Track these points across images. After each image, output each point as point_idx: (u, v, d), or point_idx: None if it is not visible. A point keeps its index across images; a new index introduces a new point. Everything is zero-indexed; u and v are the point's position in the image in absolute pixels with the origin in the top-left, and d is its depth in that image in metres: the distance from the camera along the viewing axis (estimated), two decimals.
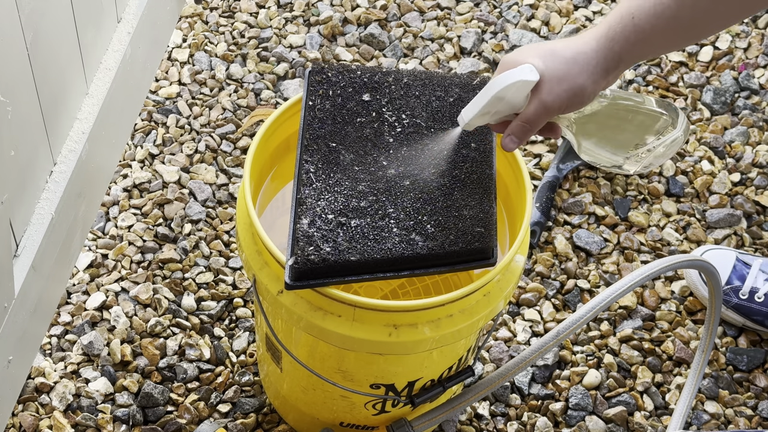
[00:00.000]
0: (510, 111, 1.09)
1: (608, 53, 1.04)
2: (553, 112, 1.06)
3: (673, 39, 1.06)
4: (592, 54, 1.04)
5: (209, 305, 1.56)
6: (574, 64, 1.04)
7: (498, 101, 1.07)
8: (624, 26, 1.03)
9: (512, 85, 1.05)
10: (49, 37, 1.27)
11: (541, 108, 1.06)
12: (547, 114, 1.06)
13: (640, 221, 1.67)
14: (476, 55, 1.85)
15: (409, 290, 1.37)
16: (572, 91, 1.05)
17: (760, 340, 1.58)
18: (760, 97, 1.81)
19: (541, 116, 1.06)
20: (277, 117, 1.25)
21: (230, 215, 1.64)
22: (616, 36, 1.04)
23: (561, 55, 1.05)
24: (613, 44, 1.04)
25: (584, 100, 1.06)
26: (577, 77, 1.04)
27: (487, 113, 1.09)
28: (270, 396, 1.48)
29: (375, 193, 1.15)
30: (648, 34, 1.03)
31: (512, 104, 1.08)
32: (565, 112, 1.07)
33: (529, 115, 1.07)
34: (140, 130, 1.72)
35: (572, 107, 1.06)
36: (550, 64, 1.05)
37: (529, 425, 1.49)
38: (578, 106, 1.07)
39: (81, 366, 1.50)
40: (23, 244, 1.30)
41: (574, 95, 1.05)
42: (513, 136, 1.09)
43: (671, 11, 1.02)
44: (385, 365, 1.24)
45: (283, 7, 1.89)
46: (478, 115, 1.09)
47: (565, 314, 1.58)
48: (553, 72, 1.05)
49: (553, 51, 1.06)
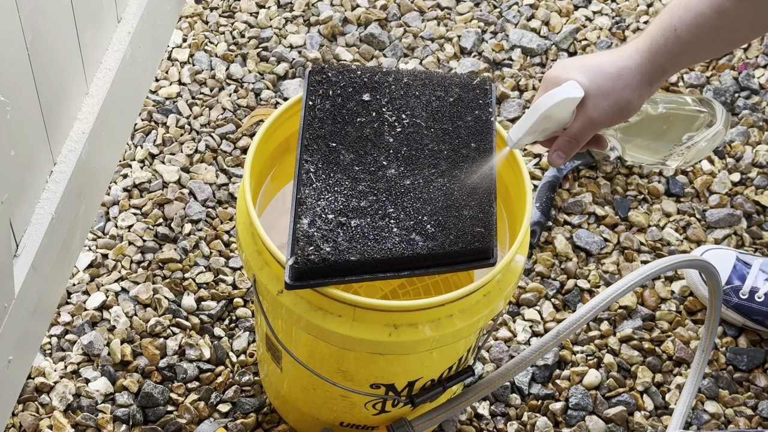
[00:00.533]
0: (557, 128, 1.11)
1: (652, 66, 1.06)
2: (599, 126, 1.08)
3: (715, 47, 1.09)
4: (636, 68, 1.06)
5: (209, 305, 1.56)
6: (619, 79, 1.06)
7: (545, 119, 1.09)
8: (667, 39, 1.05)
9: (559, 103, 1.07)
10: (49, 37, 1.27)
11: (588, 124, 1.07)
12: (593, 129, 1.08)
13: (640, 221, 1.67)
14: (476, 55, 1.85)
15: (409, 290, 1.37)
16: (618, 105, 1.07)
17: (760, 340, 1.58)
18: (760, 97, 1.81)
19: (588, 131, 1.08)
20: (277, 117, 1.25)
21: (230, 215, 1.64)
22: (660, 49, 1.06)
23: (605, 70, 1.07)
24: (657, 57, 1.06)
25: (629, 114, 1.08)
26: (622, 92, 1.06)
27: (535, 131, 1.11)
28: (270, 396, 1.48)
29: (375, 192, 1.15)
30: (690, 45, 1.05)
31: (559, 121, 1.09)
32: (611, 126, 1.09)
33: (576, 130, 1.09)
34: (140, 130, 1.72)
35: (617, 121, 1.08)
36: (595, 80, 1.07)
37: (529, 425, 1.49)
38: (623, 120, 1.09)
39: (81, 366, 1.50)
40: (23, 244, 1.30)
41: (620, 110, 1.07)
42: (560, 152, 1.10)
43: (712, 21, 1.04)
44: (385, 365, 1.24)
45: (283, 7, 1.89)
46: (526, 134, 1.10)
47: (565, 314, 1.58)
48: (599, 88, 1.06)
49: (597, 66, 1.07)
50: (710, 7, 1.03)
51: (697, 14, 1.04)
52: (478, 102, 1.22)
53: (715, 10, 1.03)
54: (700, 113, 1.13)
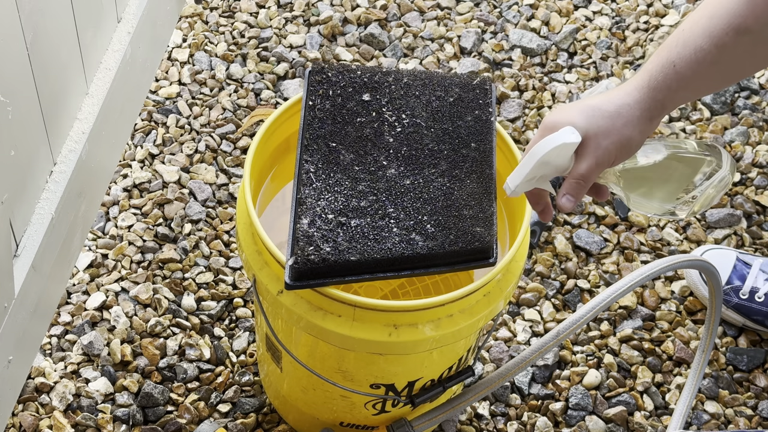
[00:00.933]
0: (555, 174, 1.10)
1: (651, 102, 1.06)
2: (603, 165, 1.08)
3: (714, 83, 1.08)
4: (636, 105, 1.06)
5: (209, 305, 1.56)
6: (618, 117, 1.06)
7: (542, 166, 1.08)
8: (665, 75, 1.05)
9: (555, 149, 1.06)
10: (49, 37, 1.27)
11: (593, 163, 1.07)
12: (598, 168, 1.08)
13: (640, 221, 1.67)
14: (476, 55, 1.85)
15: (409, 290, 1.37)
16: (620, 143, 1.07)
17: (760, 340, 1.58)
18: (760, 97, 1.81)
19: (593, 171, 1.08)
20: (277, 117, 1.25)
21: (230, 215, 1.64)
22: (659, 85, 1.06)
23: (604, 110, 1.07)
24: (656, 93, 1.06)
25: (632, 150, 1.08)
26: (623, 129, 1.06)
27: (532, 178, 1.10)
28: (270, 396, 1.48)
29: (375, 192, 1.15)
30: (690, 80, 1.05)
31: (557, 167, 1.09)
32: (615, 165, 1.09)
33: (582, 171, 1.08)
34: (140, 130, 1.72)
35: (621, 159, 1.08)
36: (594, 121, 1.07)
37: (529, 425, 1.49)
38: (626, 157, 1.09)
39: (81, 366, 1.50)
40: (23, 244, 1.30)
41: (622, 146, 1.07)
42: (569, 195, 1.10)
43: (712, 57, 1.04)
44: (385, 365, 1.24)
45: (283, 7, 1.89)
46: (524, 182, 1.10)
47: (565, 314, 1.58)
48: (599, 128, 1.06)
49: (596, 107, 1.07)
50: (710, 42, 1.03)
51: (696, 50, 1.04)
52: (478, 102, 1.22)
53: (714, 45, 1.03)
54: (705, 158, 1.13)
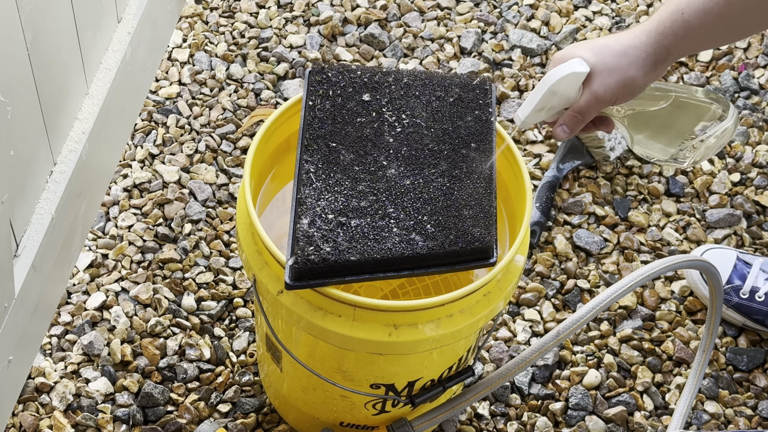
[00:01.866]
0: (563, 105, 1.12)
1: (657, 47, 1.08)
2: (604, 103, 1.10)
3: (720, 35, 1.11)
4: (642, 47, 1.08)
5: (209, 305, 1.56)
6: (624, 56, 1.08)
7: (552, 95, 1.10)
8: (673, 21, 1.08)
9: (564, 78, 1.08)
10: (49, 37, 1.27)
11: (593, 99, 1.09)
12: (598, 105, 1.10)
13: (640, 221, 1.67)
14: (476, 55, 1.85)
15: (409, 290, 1.37)
16: (623, 82, 1.09)
17: (760, 340, 1.58)
18: (760, 97, 1.81)
19: (593, 107, 1.10)
20: (277, 117, 1.25)
21: (230, 215, 1.64)
22: (666, 30, 1.08)
23: (612, 48, 1.09)
24: (663, 38, 1.08)
25: (634, 92, 1.10)
26: (627, 69, 1.08)
27: (542, 109, 1.11)
28: (270, 396, 1.48)
29: (375, 192, 1.15)
30: (696, 29, 1.07)
31: (565, 98, 1.11)
32: (616, 104, 1.11)
33: (582, 105, 1.11)
34: (140, 130, 1.72)
35: (623, 98, 1.10)
36: (601, 57, 1.09)
37: (529, 425, 1.49)
38: (629, 98, 1.11)
39: (81, 366, 1.50)
40: (23, 244, 1.30)
41: (625, 86, 1.09)
42: (565, 126, 1.13)
43: (719, 8, 1.06)
44: (385, 365, 1.24)
45: (283, 7, 1.89)
46: (533, 111, 1.11)
47: (565, 314, 1.58)
48: (605, 64, 1.09)
49: (604, 44, 1.10)
50: None
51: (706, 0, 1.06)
52: (478, 102, 1.22)
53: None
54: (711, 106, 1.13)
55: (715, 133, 1.12)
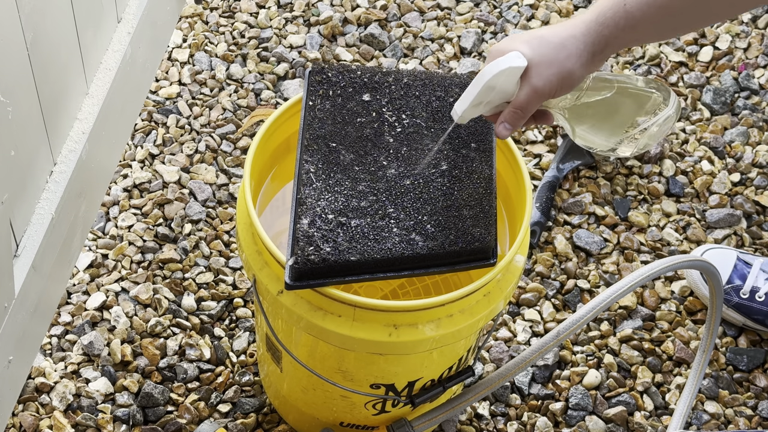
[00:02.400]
0: (502, 100, 1.10)
1: (597, 37, 1.06)
2: (543, 96, 1.08)
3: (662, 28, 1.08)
4: (581, 38, 1.06)
5: (209, 305, 1.56)
6: (562, 48, 1.06)
7: (489, 90, 1.08)
8: (615, 12, 1.05)
9: (501, 73, 1.06)
10: (49, 37, 1.27)
11: (532, 93, 1.07)
12: (537, 99, 1.08)
13: (640, 221, 1.67)
14: (476, 55, 1.85)
15: (409, 290, 1.37)
16: (561, 74, 1.06)
17: (760, 340, 1.58)
18: (760, 97, 1.81)
19: (532, 101, 1.08)
20: (277, 117, 1.25)
21: (230, 215, 1.64)
22: (607, 21, 1.06)
23: (549, 40, 1.07)
24: (603, 28, 1.06)
25: (573, 83, 1.08)
26: (565, 61, 1.06)
27: (479, 104, 1.09)
28: (270, 396, 1.48)
29: (375, 193, 1.15)
30: (638, 20, 1.05)
31: (503, 92, 1.08)
32: (556, 96, 1.09)
33: (521, 101, 1.08)
34: (140, 130, 1.72)
35: (562, 91, 1.08)
36: (538, 50, 1.07)
37: (529, 425, 1.49)
38: (567, 90, 1.08)
39: (81, 366, 1.50)
40: (23, 244, 1.30)
41: (563, 79, 1.07)
42: (506, 123, 1.10)
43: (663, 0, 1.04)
44: (385, 365, 1.24)
45: (283, 7, 1.89)
46: (470, 107, 1.09)
47: (565, 314, 1.58)
48: (542, 57, 1.06)
49: (541, 37, 1.07)
50: None
51: None
52: None
53: None
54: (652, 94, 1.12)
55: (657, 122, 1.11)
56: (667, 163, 1.72)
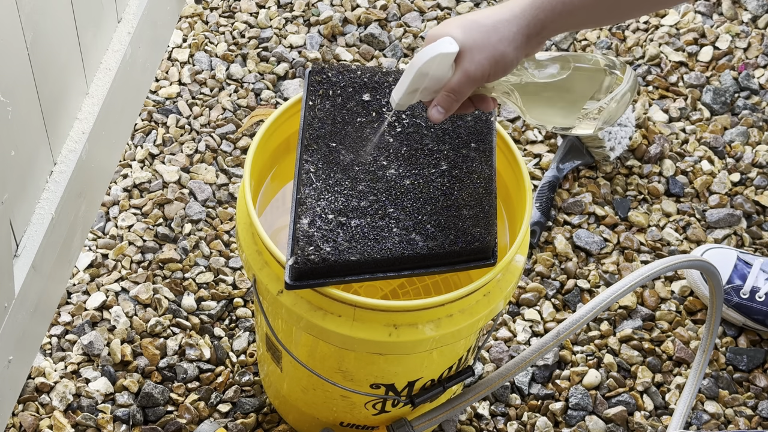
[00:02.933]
0: (437, 86, 1.09)
1: (532, 20, 1.05)
2: (475, 80, 1.07)
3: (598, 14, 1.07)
4: (514, 21, 1.05)
5: (209, 305, 1.56)
6: (495, 31, 1.05)
7: (422, 77, 1.07)
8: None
9: (432, 60, 1.05)
10: (49, 37, 1.27)
11: (464, 77, 1.07)
12: (470, 83, 1.07)
13: (640, 221, 1.67)
14: None
15: (409, 290, 1.37)
16: (493, 58, 1.06)
17: (760, 340, 1.58)
18: (760, 97, 1.81)
19: (464, 85, 1.07)
20: (277, 117, 1.25)
21: (230, 215, 1.64)
22: (543, 4, 1.05)
23: (482, 23, 1.06)
24: (539, 12, 1.05)
25: (507, 67, 1.07)
26: (497, 44, 1.05)
27: (415, 90, 1.09)
28: (270, 396, 1.48)
29: (375, 192, 1.15)
30: (575, 6, 1.04)
31: (437, 78, 1.08)
32: (490, 80, 1.08)
33: (453, 85, 1.08)
34: (140, 130, 1.72)
35: (496, 75, 1.07)
36: (471, 34, 1.06)
37: (529, 425, 1.49)
38: (502, 74, 1.08)
39: (81, 366, 1.50)
40: (23, 244, 1.30)
41: (496, 63, 1.06)
42: (439, 107, 1.10)
43: None
44: (385, 365, 1.24)
45: (283, 7, 1.89)
46: (406, 94, 1.09)
47: (565, 314, 1.58)
48: (474, 41, 1.06)
49: (474, 20, 1.07)
50: None
51: None
52: None
53: None
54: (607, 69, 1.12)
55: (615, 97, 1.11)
56: (667, 163, 1.72)
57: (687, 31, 1.87)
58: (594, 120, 1.11)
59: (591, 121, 1.12)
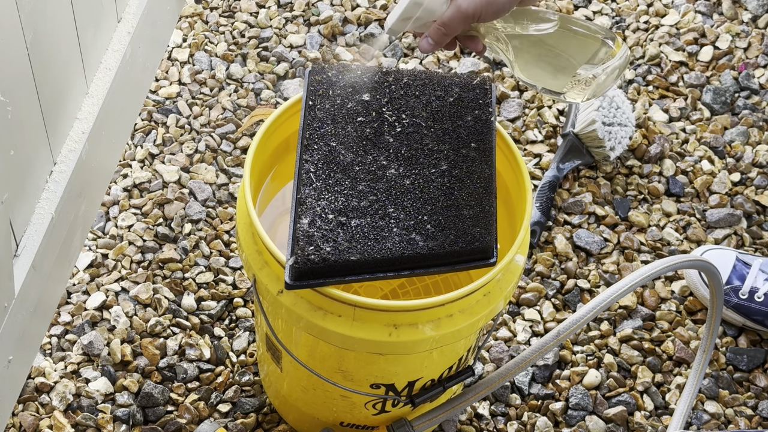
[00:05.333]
0: (430, 18, 1.11)
1: None
2: (468, 16, 1.08)
3: None
4: None
5: (209, 305, 1.56)
6: None
7: (416, 6, 1.09)
8: None
9: None
10: (49, 37, 1.27)
11: (457, 12, 1.08)
12: (462, 18, 1.09)
13: (640, 221, 1.67)
14: (476, 55, 1.85)
15: (409, 290, 1.37)
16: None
17: (760, 340, 1.58)
18: (760, 96, 1.81)
19: (456, 20, 1.09)
20: (277, 117, 1.25)
21: (230, 215, 1.64)
22: None
23: None
24: None
25: (498, 10, 1.08)
26: None
27: (408, 18, 1.11)
28: (270, 396, 1.48)
29: (375, 192, 1.15)
30: None
31: (430, 10, 1.10)
32: (482, 20, 1.09)
33: (445, 18, 1.09)
34: (140, 129, 1.72)
35: (487, 14, 1.09)
36: None
37: (529, 425, 1.49)
38: (493, 16, 1.09)
39: (81, 366, 1.50)
40: (23, 244, 1.30)
41: (488, 3, 1.07)
42: (429, 38, 1.11)
43: None
44: (385, 365, 1.24)
45: (283, 6, 1.89)
46: (398, 20, 1.11)
47: (565, 314, 1.58)
48: None
49: None
50: None
51: None
52: (478, 102, 1.22)
53: None
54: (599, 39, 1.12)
55: (606, 70, 1.12)
56: (667, 163, 1.72)
57: (687, 30, 1.87)
58: (583, 90, 1.12)
59: (581, 91, 1.13)
